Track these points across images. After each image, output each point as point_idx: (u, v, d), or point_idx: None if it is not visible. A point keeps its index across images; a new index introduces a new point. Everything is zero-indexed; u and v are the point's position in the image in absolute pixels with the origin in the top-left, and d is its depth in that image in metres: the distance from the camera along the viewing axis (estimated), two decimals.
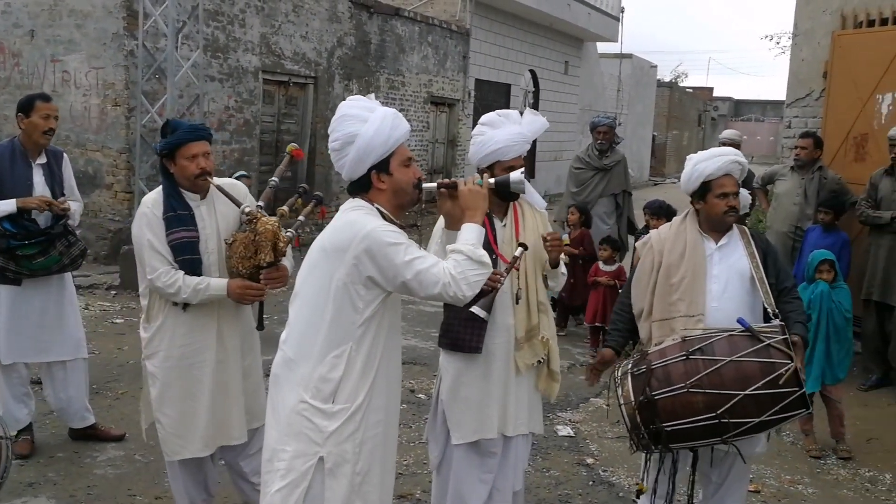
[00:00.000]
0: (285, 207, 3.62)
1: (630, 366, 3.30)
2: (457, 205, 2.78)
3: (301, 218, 3.57)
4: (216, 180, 3.54)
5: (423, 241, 3.33)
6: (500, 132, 3.50)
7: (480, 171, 3.31)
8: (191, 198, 3.51)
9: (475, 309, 3.33)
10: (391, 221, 2.68)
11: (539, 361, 3.57)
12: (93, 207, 10.03)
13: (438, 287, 2.54)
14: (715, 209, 3.46)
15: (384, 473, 2.76)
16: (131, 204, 9.57)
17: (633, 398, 3.18)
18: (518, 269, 3.43)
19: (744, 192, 3.60)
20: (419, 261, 2.56)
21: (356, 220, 2.62)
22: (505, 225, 3.57)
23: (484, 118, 3.60)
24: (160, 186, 3.53)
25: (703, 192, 3.49)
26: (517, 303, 3.49)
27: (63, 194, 4.64)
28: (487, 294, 3.36)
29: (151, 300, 3.51)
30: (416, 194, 2.74)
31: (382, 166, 2.70)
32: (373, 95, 2.89)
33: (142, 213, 3.47)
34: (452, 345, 3.54)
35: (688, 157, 3.69)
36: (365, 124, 2.68)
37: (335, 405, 2.62)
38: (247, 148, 11.32)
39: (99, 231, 9.94)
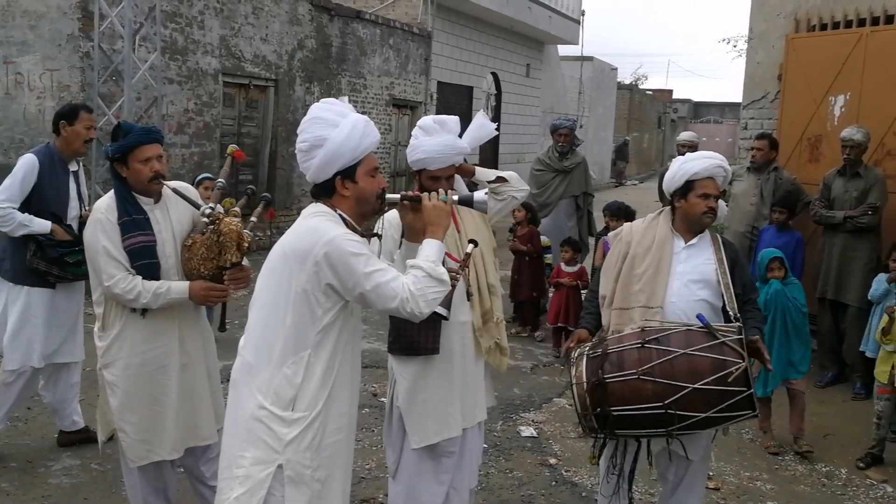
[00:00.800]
0: (237, 208, 3.60)
1: (587, 348, 3.35)
2: (419, 218, 2.78)
3: (254, 219, 3.55)
4: (170, 183, 3.51)
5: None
6: (430, 141, 3.47)
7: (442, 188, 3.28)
8: (144, 202, 3.46)
9: (437, 309, 3.33)
10: (352, 229, 2.66)
11: (496, 342, 3.64)
12: None
13: (396, 302, 2.52)
14: (695, 209, 3.52)
15: (345, 480, 2.76)
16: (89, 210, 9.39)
17: (585, 379, 3.22)
18: (468, 267, 3.45)
19: (721, 204, 3.65)
20: (379, 273, 2.53)
21: (318, 226, 2.59)
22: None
23: (420, 122, 3.57)
24: (112, 191, 3.46)
25: (685, 190, 3.54)
26: (469, 300, 3.52)
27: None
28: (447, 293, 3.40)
29: (107, 308, 3.45)
30: (378, 204, 2.72)
31: (348, 173, 2.67)
32: (346, 99, 2.85)
33: (95, 219, 3.39)
34: (407, 349, 3.52)
35: (674, 159, 3.79)
36: (335, 129, 2.65)
37: (294, 413, 2.59)
38: (206, 151, 11.20)
39: None
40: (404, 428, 3.57)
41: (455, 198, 2.80)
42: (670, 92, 47.50)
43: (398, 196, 2.81)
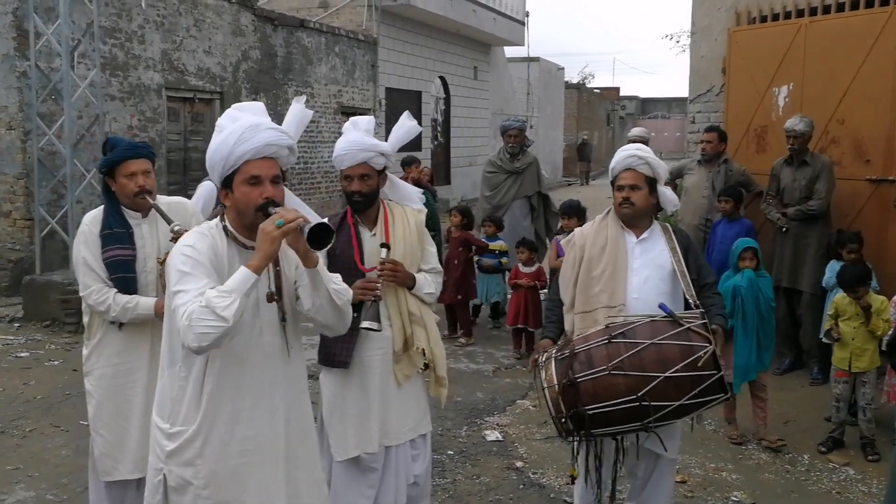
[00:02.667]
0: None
1: (555, 350, 3.33)
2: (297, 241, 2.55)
3: None
4: (161, 199, 3.54)
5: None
6: (341, 140, 3.52)
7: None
8: (132, 216, 3.50)
9: (366, 324, 3.33)
10: (237, 242, 2.56)
11: (420, 370, 3.59)
12: None
13: (180, 329, 2.36)
14: (615, 202, 3.59)
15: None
16: (32, 231, 9.14)
17: (556, 381, 3.20)
18: (387, 272, 3.42)
19: (669, 192, 3.65)
20: (179, 295, 2.39)
21: (185, 237, 2.57)
22: (374, 234, 3.58)
23: (345, 125, 3.60)
24: (103, 205, 3.53)
25: (613, 187, 3.62)
26: (375, 302, 3.39)
27: None
28: (371, 305, 3.38)
29: (91, 317, 3.51)
30: (259, 217, 2.47)
31: (227, 183, 2.55)
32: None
33: (80, 230, 3.46)
34: (324, 359, 3.56)
35: None
36: (217, 136, 2.56)
37: (172, 427, 2.53)
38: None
39: None
40: None
41: (296, 226, 2.40)
42: (617, 89, 48.08)
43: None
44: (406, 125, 3.66)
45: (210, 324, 2.31)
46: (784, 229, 6.52)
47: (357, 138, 3.49)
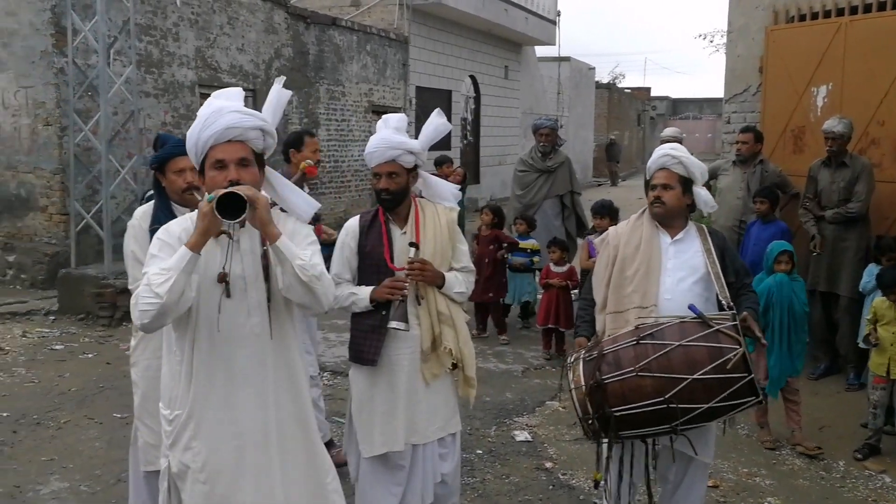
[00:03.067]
0: None
1: (583, 352, 3.31)
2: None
3: None
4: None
5: None
6: (372, 138, 3.55)
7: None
8: (181, 211, 3.50)
9: (393, 324, 3.38)
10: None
11: (448, 370, 3.57)
12: (27, 231, 9.70)
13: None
14: (648, 201, 3.55)
15: (244, 486, 2.61)
16: (67, 226, 9.26)
17: (583, 383, 3.18)
18: (416, 271, 3.42)
19: (705, 193, 3.60)
20: (144, 275, 2.45)
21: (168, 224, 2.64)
22: (405, 232, 3.57)
23: (378, 122, 3.64)
24: (153, 200, 3.59)
25: (648, 187, 3.61)
26: (419, 304, 3.47)
27: None
28: (399, 305, 3.40)
29: None
30: None
31: (202, 169, 2.59)
32: (237, 91, 2.75)
33: (130, 224, 3.51)
34: (353, 356, 3.57)
35: None
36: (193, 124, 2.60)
37: (171, 412, 2.62)
38: None
39: (35, 255, 9.60)
40: None
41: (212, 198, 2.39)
42: (648, 90, 47.71)
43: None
44: (436, 123, 3.65)
45: (149, 301, 2.37)
46: (815, 252, 6.41)
47: (386, 136, 3.51)
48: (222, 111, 2.55)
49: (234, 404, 2.59)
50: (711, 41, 46.48)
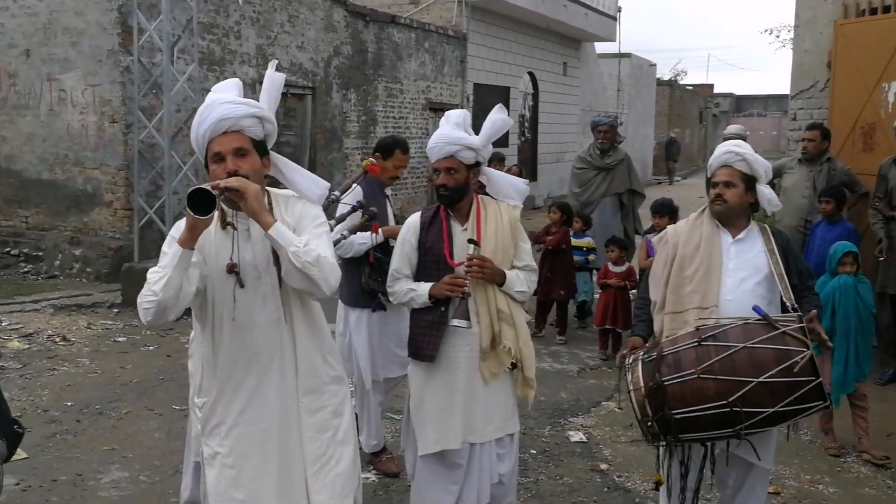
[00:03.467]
0: (332, 221, 3.62)
1: (641, 353, 3.24)
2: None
3: (345, 233, 3.59)
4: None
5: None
6: (434, 134, 3.54)
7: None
8: None
9: (455, 322, 3.37)
10: (223, 220, 2.63)
11: (507, 369, 3.52)
12: (93, 226, 9.97)
13: None
14: (709, 199, 3.47)
15: (268, 470, 2.66)
16: (131, 221, 9.48)
17: (642, 384, 3.12)
18: (475, 268, 3.38)
19: (769, 191, 3.50)
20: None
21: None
22: (465, 229, 3.54)
23: (442, 118, 3.63)
24: None
25: (708, 185, 3.51)
26: (463, 299, 3.40)
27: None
28: (460, 303, 3.39)
29: None
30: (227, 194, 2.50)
31: (206, 163, 2.63)
32: (233, 83, 2.73)
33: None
34: (412, 352, 3.56)
35: None
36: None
37: (199, 399, 2.73)
38: None
39: (100, 249, 9.86)
40: None
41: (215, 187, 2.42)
42: (711, 86, 46.89)
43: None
44: (496, 118, 3.60)
45: (148, 299, 2.45)
46: (881, 258, 6.18)
47: (446, 132, 3.50)
48: (214, 104, 2.55)
49: (257, 390, 2.64)
50: (778, 36, 45.60)
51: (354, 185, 4.42)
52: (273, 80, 2.74)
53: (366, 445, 4.70)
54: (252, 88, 11.22)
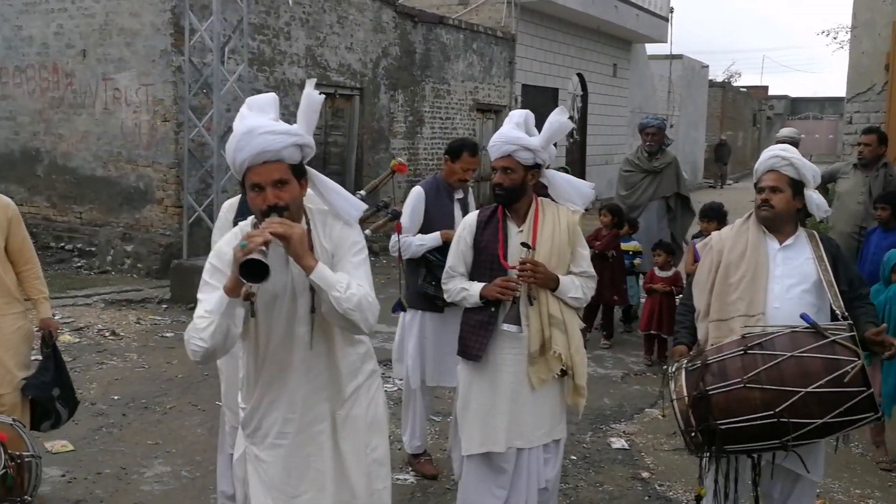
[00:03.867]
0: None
1: (685, 361, 3.17)
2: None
3: (367, 232, 3.60)
4: None
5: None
6: (495, 133, 3.51)
7: None
8: None
9: (506, 326, 3.36)
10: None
11: (557, 376, 3.47)
12: (144, 222, 10.16)
13: None
14: (755, 204, 3.38)
15: (313, 475, 2.71)
16: (181, 218, 9.64)
17: (685, 394, 3.04)
18: (527, 272, 3.34)
19: (817, 196, 3.40)
20: (198, 305, 2.53)
21: (221, 239, 2.73)
22: (521, 231, 3.49)
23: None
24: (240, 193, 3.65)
25: (756, 189, 3.42)
26: (531, 304, 3.39)
27: None
28: (511, 307, 3.37)
29: None
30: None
31: (243, 185, 2.59)
32: (269, 99, 2.66)
33: (219, 216, 3.61)
34: (461, 351, 3.55)
35: None
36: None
37: (244, 403, 2.76)
38: None
39: (150, 245, 10.05)
40: None
41: (253, 247, 2.32)
42: (766, 88, 46.05)
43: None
44: (556, 120, 3.51)
45: (195, 343, 2.47)
46: None
47: (505, 131, 3.47)
48: (254, 133, 2.48)
49: (291, 404, 2.68)
50: (835, 38, 44.54)
51: (380, 184, 4.38)
52: (311, 100, 2.67)
53: (408, 445, 4.70)
54: (300, 89, 11.31)
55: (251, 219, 2.65)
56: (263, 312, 2.61)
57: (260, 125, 2.48)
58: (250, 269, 2.30)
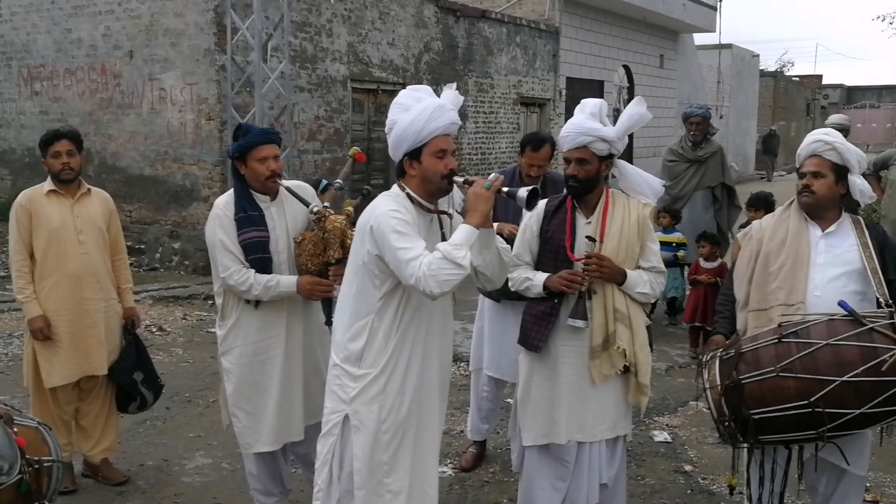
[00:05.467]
0: (350, 208, 3.72)
1: (720, 350, 3.11)
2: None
3: (350, 209, 3.73)
4: (285, 182, 3.63)
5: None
6: (567, 123, 3.45)
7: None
8: (261, 199, 3.60)
9: (570, 321, 3.32)
10: (421, 206, 2.91)
11: (619, 372, 3.39)
12: (191, 220, 10.31)
13: (412, 280, 2.69)
14: (797, 190, 3.29)
15: (419, 442, 2.97)
16: None
17: (718, 382, 2.98)
18: (594, 266, 3.28)
19: (861, 182, 3.28)
20: (404, 251, 2.71)
21: (377, 202, 2.90)
22: (590, 222, 3.42)
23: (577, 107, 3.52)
24: (232, 189, 3.64)
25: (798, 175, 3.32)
26: (589, 298, 3.32)
27: None
28: (578, 301, 3.32)
29: (226, 299, 3.63)
30: (444, 184, 2.88)
31: (414, 154, 2.87)
32: (453, 86, 3.03)
33: (214, 214, 3.57)
34: (522, 340, 3.51)
35: None
36: (405, 113, 2.87)
37: (360, 370, 2.89)
38: (338, 157, 11.40)
39: (197, 242, 10.18)
40: None
41: (500, 185, 2.78)
42: (819, 77, 44.97)
43: (462, 179, 2.88)
44: (634, 111, 3.44)
45: (451, 272, 2.66)
46: None
47: (579, 121, 3.38)
48: (445, 108, 2.87)
49: (415, 364, 2.92)
50: (891, 23, 43.31)
51: (345, 170, 4.33)
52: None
53: (467, 430, 4.78)
54: (343, 86, 11.38)
55: (396, 188, 2.95)
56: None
57: (447, 103, 2.91)
58: (532, 196, 2.74)
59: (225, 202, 3.57)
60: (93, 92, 11.05)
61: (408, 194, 2.89)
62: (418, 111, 2.84)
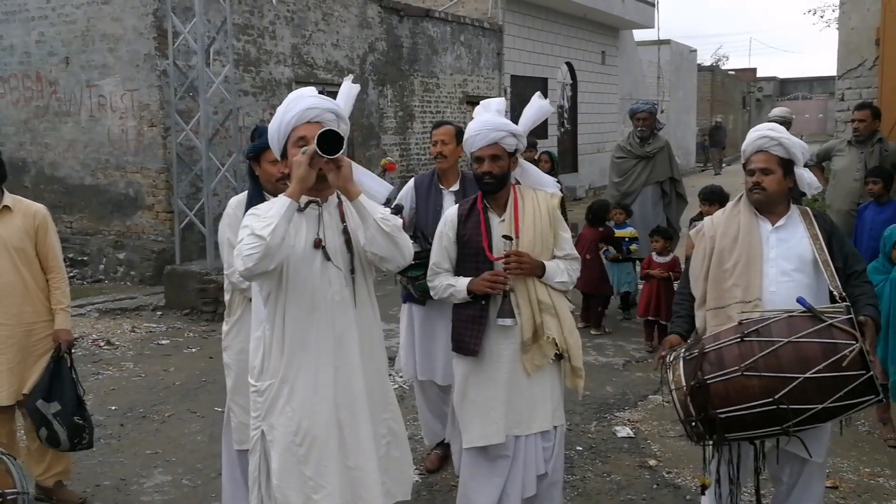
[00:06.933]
0: None
1: (683, 350, 3.12)
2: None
3: None
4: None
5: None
6: (472, 123, 3.49)
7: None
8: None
9: (500, 320, 3.35)
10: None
11: (552, 360, 3.44)
12: (135, 229, 10.07)
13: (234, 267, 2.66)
14: (745, 187, 3.32)
15: (348, 452, 2.81)
16: (173, 224, 9.55)
17: (684, 383, 2.99)
18: (513, 264, 3.32)
19: (807, 174, 3.33)
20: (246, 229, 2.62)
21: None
22: (503, 220, 3.47)
23: (476, 109, 3.61)
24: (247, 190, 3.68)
25: (745, 170, 3.35)
26: (507, 295, 3.36)
27: None
28: (504, 300, 3.35)
29: (232, 295, 3.65)
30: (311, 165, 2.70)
31: (283, 155, 2.83)
32: (350, 79, 3.06)
33: (226, 213, 3.62)
34: (456, 346, 3.53)
35: None
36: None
37: (263, 382, 2.79)
38: None
39: (143, 252, 9.95)
40: None
41: (313, 151, 2.59)
42: (754, 70, 46.08)
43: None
44: (537, 105, 3.55)
45: (252, 245, 2.54)
46: None
47: (489, 119, 3.43)
48: (302, 95, 2.80)
49: (325, 370, 2.76)
50: (822, 16, 44.56)
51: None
52: (350, 89, 3.14)
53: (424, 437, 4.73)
54: (288, 87, 11.24)
55: (264, 204, 2.83)
56: (298, 274, 2.75)
57: (307, 91, 2.88)
58: (328, 140, 2.56)
59: (238, 201, 3.59)
60: (28, 100, 10.72)
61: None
62: (278, 111, 2.85)
